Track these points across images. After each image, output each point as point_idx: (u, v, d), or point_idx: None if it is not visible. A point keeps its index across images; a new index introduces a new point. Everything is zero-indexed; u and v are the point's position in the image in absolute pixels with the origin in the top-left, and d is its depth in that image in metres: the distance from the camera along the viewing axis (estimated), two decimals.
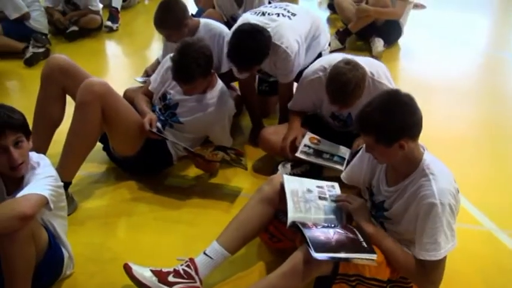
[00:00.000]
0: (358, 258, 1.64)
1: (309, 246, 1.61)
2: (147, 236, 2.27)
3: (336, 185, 2.00)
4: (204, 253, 1.87)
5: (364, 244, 1.67)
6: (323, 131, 2.65)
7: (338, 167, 2.46)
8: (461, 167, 2.77)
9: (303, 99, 2.63)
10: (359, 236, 1.71)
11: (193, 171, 2.69)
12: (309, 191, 1.90)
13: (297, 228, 1.73)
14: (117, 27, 4.95)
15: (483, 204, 2.49)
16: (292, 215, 1.79)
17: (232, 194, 2.56)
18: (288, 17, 2.73)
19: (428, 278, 1.66)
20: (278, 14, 2.72)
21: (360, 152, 1.94)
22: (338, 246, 1.64)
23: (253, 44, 2.46)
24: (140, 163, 2.57)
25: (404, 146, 1.61)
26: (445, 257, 1.64)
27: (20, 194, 1.65)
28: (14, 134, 1.72)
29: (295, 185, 1.91)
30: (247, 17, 2.74)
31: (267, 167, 2.74)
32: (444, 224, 1.59)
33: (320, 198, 1.90)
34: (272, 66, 2.73)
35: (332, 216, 1.85)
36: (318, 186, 1.95)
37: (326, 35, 3.04)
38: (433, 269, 1.64)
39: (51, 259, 1.84)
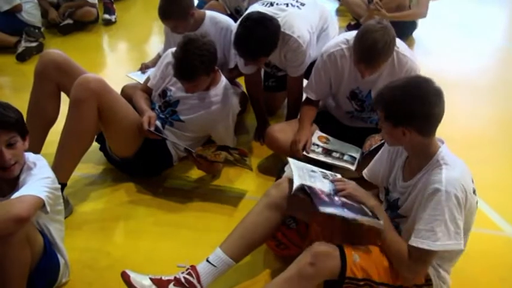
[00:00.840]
0: (366, 220, 1.66)
1: (314, 202, 1.63)
2: (146, 241, 2.25)
3: (339, 175, 2.01)
4: (207, 260, 1.85)
5: (370, 213, 1.70)
6: (333, 129, 2.63)
7: (348, 166, 2.44)
8: (478, 168, 2.70)
9: (320, 78, 2.57)
10: (364, 206, 1.74)
11: (194, 173, 2.68)
12: (313, 171, 1.94)
13: (303, 191, 1.74)
14: (115, 18, 4.94)
15: (503, 208, 2.46)
16: (298, 180, 1.79)
17: (236, 197, 2.54)
18: (297, 6, 2.71)
19: (410, 265, 1.63)
20: (287, 4, 2.69)
21: (383, 148, 1.93)
22: (344, 207, 1.68)
23: (262, 33, 2.43)
24: (139, 164, 2.55)
25: (407, 134, 1.61)
26: (435, 253, 1.59)
27: (15, 196, 1.63)
28: (7, 133, 1.70)
29: (300, 164, 1.94)
30: (255, 8, 2.71)
31: (272, 168, 2.72)
32: (446, 214, 1.54)
33: (324, 177, 1.92)
34: (282, 59, 2.71)
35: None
36: (322, 171, 1.97)
37: (335, 27, 3.02)
38: (419, 259, 1.61)
39: (46, 266, 1.82)
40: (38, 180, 1.71)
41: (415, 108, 1.59)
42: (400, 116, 1.61)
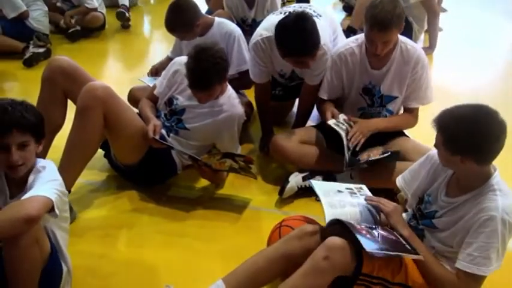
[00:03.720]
0: (406, 255, 1.66)
1: (359, 242, 1.60)
2: (149, 249, 2.26)
3: (364, 186, 2.03)
4: None
5: (408, 246, 1.69)
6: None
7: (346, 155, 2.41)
8: None
9: (332, 78, 2.62)
10: (399, 237, 1.73)
11: (198, 182, 2.69)
12: (339, 191, 1.93)
13: (341, 225, 1.71)
14: (129, 15, 4.97)
15: None
16: (328, 210, 1.78)
17: (241, 206, 2.54)
18: (316, 16, 2.72)
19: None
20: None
21: (423, 158, 1.92)
22: (385, 245, 1.65)
23: (311, 27, 2.43)
24: (143, 172, 2.56)
25: (465, 162, 1.61)
26: (486, 276, 1.63)
27: (24, 197, 1.65)
28: (21, 135, 1.73)
29: (325, 187, 1.93)
30: (272, 18, 2.71)
31: (277, 177, 2.73)
32: (500, 241, 1.58)
33: (352, 195, 1.92)
34: None
35: (367, 213, 1.87)
36: (348, 188, 1.97)
37: (343, 38, 3.04)
38: (472, 282, 1.63)
39: (50, 272, 1.82)
40: (48, 182, 1.73)
41: (480, 144, 1.58)
42: (462, 149, 1.60)
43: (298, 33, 2.41)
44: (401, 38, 2.49)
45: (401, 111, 2.69)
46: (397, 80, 2.52)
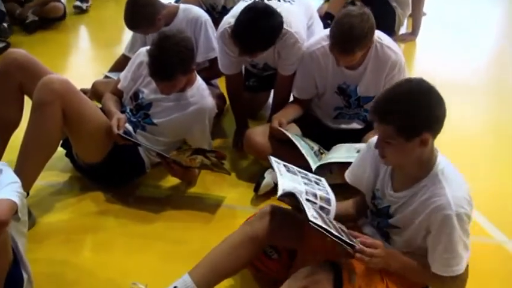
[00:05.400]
0: (343, 245, 1.64)
1: (305, 211, 1.61)
2: (116, 254, 2.25)
3: (323, 180, 2.03)
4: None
5: (347, 240, 1.65)
6: (315, 131, 2.67)
7: (311, 162, 2.45)
8: (469, 173, 2.77)
9: (305, 78, 2.65)
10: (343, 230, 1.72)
11: (168, 180, 2.69)
12: (294, 174, 1.96)
13: (292, 196, 1.73)
14: (87, 7, 4.93)
15: (493, 214, 2.50)
16: (286, 184, 1.80)
17: (214, 205, 2.55)
18: (289, 2, 2.75)
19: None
20: (279, 0, 2.73)
21: (365, 147, 1.93)
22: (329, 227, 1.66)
23: (267, 25, 2.48)
24: (108, 171, 2.55)
25: (427, 141, 1.61)
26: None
27: None
28: None
29: (282, 168, 1.95)
30: (242, 5, 2.71)
31: (252, 174, 2.74)
32: (462, 235, 1.62)
33: (306, 183, 1.93)
34: (275, 56, 2.74)
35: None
36: (306, 183, 1.95)
37: (320, 25, 3.06)
38: (458, 280, 1.69)
39: (11, 280, 1.80)
40: (9, 185, 1.71)
41: (433, 110, 1.61)
42: (419, 124, 1.60)
43: (251, 31, 2.46)
44: (379, 35, 2.49)
45: None
46: (373, 80, 2.55)
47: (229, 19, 2.69)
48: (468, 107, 3.53)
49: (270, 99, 3.24)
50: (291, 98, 2.84)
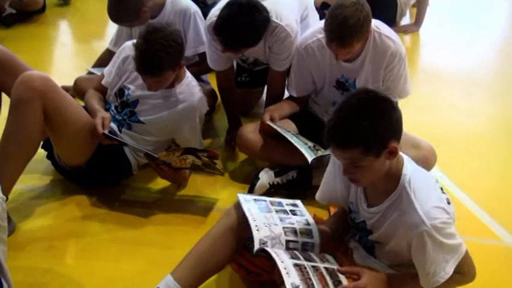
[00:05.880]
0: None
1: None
2: (102, 261, 2.23)
3: (299, 202, 2.03)
4: None
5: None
6: (312, 126, 2.67)
7: (306, 154, 2.43)
8: (476, 172, 2.82)
9: (300, 73, 2.64)
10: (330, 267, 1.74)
11: (157, 182, 2.67)
12: (269, 211, 1.93)
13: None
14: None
15: (502, 216, 2.52)
16: (256, 234, 1.78)
17: (205, 208, 2.54)
18: None
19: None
20: None
21: (329, 164, 1.93)
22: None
23: (249, 21, 2.47)
24: (92, 174, 2.53)
25: (395, 149, 1.62)
26: (465, 253, 1.69)
27: None
28: None
29: (252, 206, 1.90)
30: None
31: (246, 174, 2.74)
32: (444, 244, 1.63)
33: (282, 215, 1.93)
34: (266, 51, 2.73)
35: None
36: (278, 208, 1.96)
37: (315, 16, 3.07)
38: (457, 282, 1.73)
39: None
40: None
41: (393, 116, 1.62)
42: (384, 137, 1.60)
43: (232, 28, 2.47)
44: (377, 24, 2.48)
45: None
46: (372, 72, 2.54)
47: (216, 11, 2.66)
48: (474, 102, 3.56)
49: (264, 95, 3.23)
50: (286, 94, 2.84)
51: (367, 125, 1.57)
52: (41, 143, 2.45)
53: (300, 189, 2.57)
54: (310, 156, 2.41)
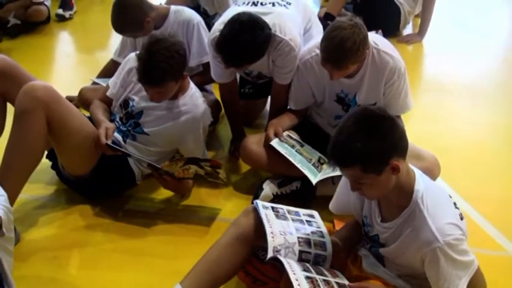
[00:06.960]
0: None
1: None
2: (105, 271, 2.24)
3: (315, 213, 2.04)
4: None
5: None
6: (315, 138, 2.68)
7: (310, 175, 2.47)
8: (480, 182, 2.81)
9: (301, 88, 2.66)
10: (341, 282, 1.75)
11: (160, 193, 2.68)
12: (285, 219, 1.95)
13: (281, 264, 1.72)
14: (70, 15, 4.93)
15: (506, 226, 2.52)
16: (270, 241, 1.79)
17: (208, 218, 2.55)
18: (284, 5, 2.75)
19: None
20: (273, 3, 2.74)
21: (342, 178, 1.95)
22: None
23: (251, 40, 2.48)
24: (96, 184, 2.54)
25: (398, 167, 1.63)
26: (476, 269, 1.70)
27: None
28: None
29: (270, 214, 1.91)
30: (236, 10, 2.72)
31: (249, 185, 2.74)
32: (457, 260, 1.64)
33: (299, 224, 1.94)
34: (270, 65, 2.74)
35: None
36: (295, 217, 1.97)
37: (318, 27, 3.08)
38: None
39: None
40: None
41: (392, 134, 1.63)
42: (384, 155, 1.62)
43: (233, 46, 2.48)
44: (375, 40, 2.48)
45: None
46: (372, 88, 2.55)
47: (219, 26, 2.67)
48: (478, 111, 3.55)
49: (267, 107, 3.25)
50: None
51: (361, 146, 1.60)
52: (45, 153, 2.47)
53: (304, 199, 2.57)
54: (313, 178, 2.45)
